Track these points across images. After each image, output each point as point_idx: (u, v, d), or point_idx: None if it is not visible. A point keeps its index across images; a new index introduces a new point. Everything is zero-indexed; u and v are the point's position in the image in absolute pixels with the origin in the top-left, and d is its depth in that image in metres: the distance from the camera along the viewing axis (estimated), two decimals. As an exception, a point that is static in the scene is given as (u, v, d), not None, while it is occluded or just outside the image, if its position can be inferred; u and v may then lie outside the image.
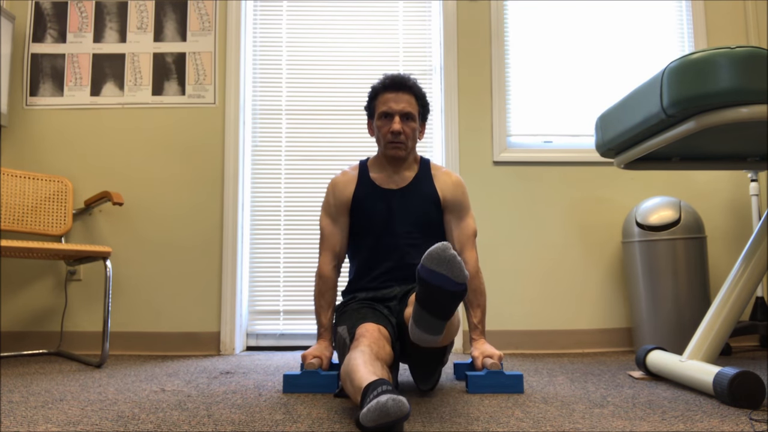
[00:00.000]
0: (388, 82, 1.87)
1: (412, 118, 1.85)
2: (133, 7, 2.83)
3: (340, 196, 1.91)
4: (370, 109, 1.92)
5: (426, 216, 1.88)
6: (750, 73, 1.37)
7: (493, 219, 2.74)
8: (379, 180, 1.91)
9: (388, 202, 1.87)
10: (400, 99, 1.84)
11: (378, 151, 1.94)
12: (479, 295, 1.87)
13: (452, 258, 1.13)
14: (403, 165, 1.91)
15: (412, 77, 1.89)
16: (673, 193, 2.77)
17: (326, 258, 1.91)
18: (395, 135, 1.83)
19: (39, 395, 1.69)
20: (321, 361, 1.76)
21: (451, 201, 1.91)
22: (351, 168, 1.97)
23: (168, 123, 2.77)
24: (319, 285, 1.89)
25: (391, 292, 1.82)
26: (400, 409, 1.12)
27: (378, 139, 1.90)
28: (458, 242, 1.90)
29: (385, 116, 1.85)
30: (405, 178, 1.91)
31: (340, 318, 1.81)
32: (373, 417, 1.12)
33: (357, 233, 1.91)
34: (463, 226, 1.91)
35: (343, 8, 2.92)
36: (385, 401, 1.12)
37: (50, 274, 2.69)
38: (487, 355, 1.76)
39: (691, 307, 2.37)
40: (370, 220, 1.87)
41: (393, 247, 1.85)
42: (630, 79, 2.87)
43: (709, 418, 1.37)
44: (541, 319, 2.70)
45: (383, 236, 1.86)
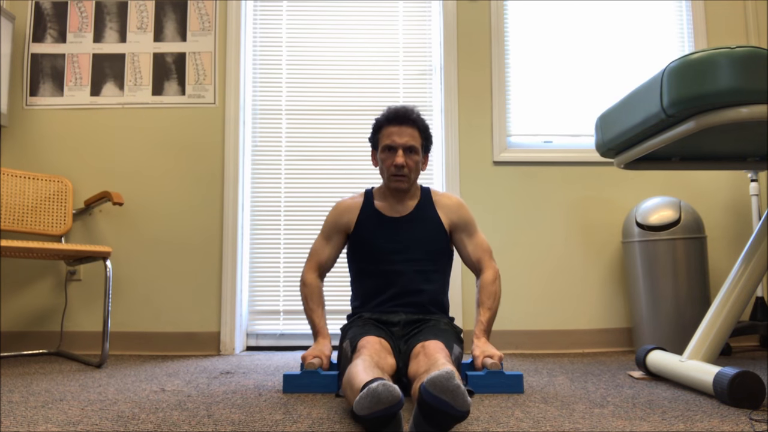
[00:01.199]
0: (391, 116, 1.90)
1: (415, 151, 1.89)
2: (133, 7, 2.82)
3: (341, 218, 1.97)
4: (374, 141, 1.97)
5: (430, 242, 1.92)
6: (750, 73, 1.37)
7: (493, 219, 2.74)
8: (382, 208, 1.95)
9: (391, 229, 1.91)
10: (404, 133, 1.87)
11: (382, 182, 1.98)
12: (493, 298, 1.89)
13: (456, 388, 1.11)
14: (406, 195, 1.96)
15: (415, 109, 1.92)
16: (673, 193, 2.77)
17: (310, 267, 1.97)
18: (398, 168, 1.87)
19: (39, 395, 1.69)
20: (321, 361, 1.77)
21: (458, 222, 1.96)
22: (357, 195, 2.03)
23: (168, 123, 2.77)
24: (305, 291, 1.94)
25: (395, 317, 1.84)
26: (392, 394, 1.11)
27: (381, 171, 1.94)
28: (474, 256, 1.95)
29: (388, 149, 1.89)
30: (408, 207, 1.95)
31: (344, 335, 1.82)
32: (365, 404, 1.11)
33: (360, 260, 1.95)
34: (476, 241, 1.97)
35: (343, 8, 2.92)
36: (376, 387, 1.11)
37: (50, 274, 2.69)
38: (487, 354, 1.77)
39: (691, 307, 2.36)
40: (374, 247, 1.91)
41: (397, 274, 1.88)
42: (630, 79, 2.87)
43: (709, 418, 1.37)
44: (541, 319, 2.70)
45: (387, 263, 1.89)
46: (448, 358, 1.54)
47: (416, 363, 1.55)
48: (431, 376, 1.14)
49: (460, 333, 1.86)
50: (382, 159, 1.92)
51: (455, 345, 1.71)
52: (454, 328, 1.85)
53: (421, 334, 1.72)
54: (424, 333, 1.72)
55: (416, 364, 1.55)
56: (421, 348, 1.60)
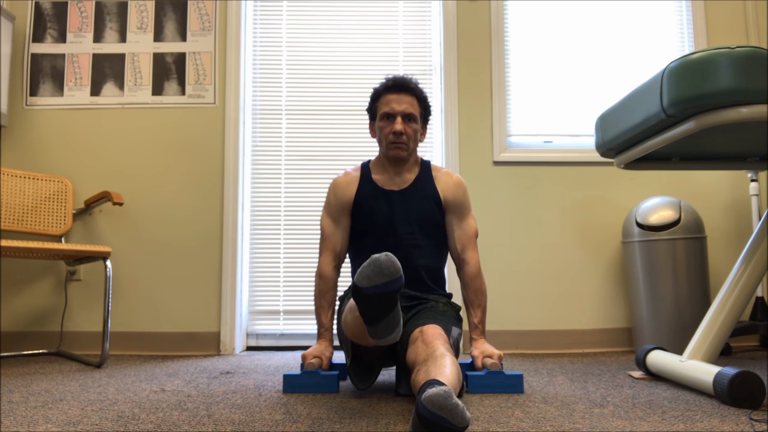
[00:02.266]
0: (390, 84, 1.88)
1: (413, 119, 1.86)
2: (133, 7, 2.82)
3: (342, 197, 1.92)
4: (372, 110, 1.93)
5: (427, 217, 1.89)
6: (750, 73, 1.37)
7: (493, 219, 2.74)
8: (380, 181, 1.91)
9: (389, 202, 1.88)
10: (402, 100, 1.85)
11: (379, 152, 1.95)
12: (480, 295, 1.87)
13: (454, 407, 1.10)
14: (405, 167, 1.92)
15: (414, 78, 1.90)
16: (673, 193, 2.77)
17: (327, 258, 1.91)
18: (397, 135, 1.84)
19: (39, 395, 1.69)
20: (321, 361, 1.77)
21: (452, 201, 1.91)
22: (353, 169, 1.98)
23: (168, 123, 2.77)
24: (320, 285, 1.90)
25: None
26: (393, 265, 1.09)
27: (380, 140, 1.91)
28: (459, 243, 1.91)
29: (387, 117, 1.86)
30: (406, 180, 1.91)
31: (341, 306, 1.82)
32: (367, 273, 1.08)
33: (358, 234, 1.92)
34: (464, 226, 1.92)
35: (343, 8, 2.92)
36: (378, 256, 1.08)
37: (50, 274, 2.69)
38: (487, 354, 1.76)
39: (691, 307, 2.36)
40: (372, 220, 1.88)
41: (395, 248, 1.85)
42: (630, 79, 2.87)
43: (709, 418, 1.37)
44: (541, 319, 2.70)
45: (385, 237, 1.86)
46: (447, 343, 1.53)
47: (414, 349, 1.53)
48: (428, 394, 1.10)
49: (458, 311, 1.85)
50: (381, 127, 1.88)
51: (453, 327, 1.70)
52: (453, 307, 1.84)
53: (419, 317, 1.70)
54: (422, 316, 1.70)
55: (414, 350, 1.53)
56: (420, 333, 1.57)
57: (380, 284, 1.08)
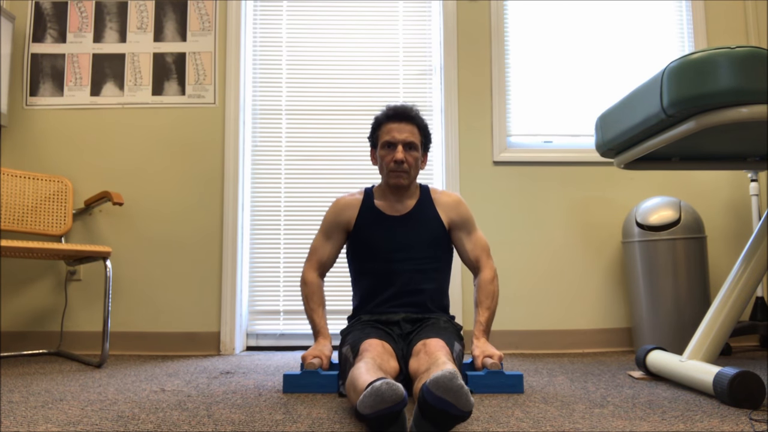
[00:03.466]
0: (391, 113, 1.91)
1: (414, 147, 1.89)
2: (133, 7, 2.82)
3: (341, 215, 1.96)
4: (373, 138, 1.97)
5: (429, 240, 1.92)
6: (750, 73, 1.37)
7: (493, 219, 2.74)
8: (382, 207, 1.95)
9: (391, 228, 1.91)
10: (403, 129, 1.88)
11: (381, 180, 1.98)
12: (491, 297, 1.89)
13: (459, 388, 1.11)
14: (406, 194, 1.96)
15: (414, 107, 1.93)
16: (673, 193, 2.77)
17: (310, 266, 1.97)
18: (398, 164, 1.87)
19: (39, 395, 1.69)
20: (321, 360, 1.77)
21: (457, 220, 1.95)
22: (357, 192, 2.02)
23: (168, 123, 2.77)
24: (305, 290, 1.95)
25: (394, 317, 1.83)
26: (395, 393, 1.11)
27: (381, 168, 1.94)
28: (472, 255, 1.95)
29: (388, 146, 1.89)
30: (407, 206, 1.95)
31: (344, 340, 1.81)
32: (368, 402, 1.11)
33: (360, 259, 1.95)
34: (474, 239, 1.96)
35: (343, 8, 2.92)
36: (379, 386, 1.11)
37: (50, 274, 2.69)
38: (487, 354, 1.77)
39: (691, 307, 2.36)
40: (374, 245, 1.91)
41: (397, 273, 1.88)
42: (630, 79, 2.87)
43: (709, 418, 1.37)
44: (541, 319, 2.70)
45: (387, 262, 1.89)
46: (449, 356, 1.54)
47: (417, 361, 1.55)
48: (434, 377, 1.13)
49: (460, 330, 1.86)
50: (382, 156, 1.91)
51: (456, 342, 1.71)
52: (454, 326, 1.85)
53: (422, 332, 1.72)
54: (425, 331, 1.72)
55: (417, 362, 1.54)
56: (422, 346, 1.59)
57: (382, 409, 1.11)
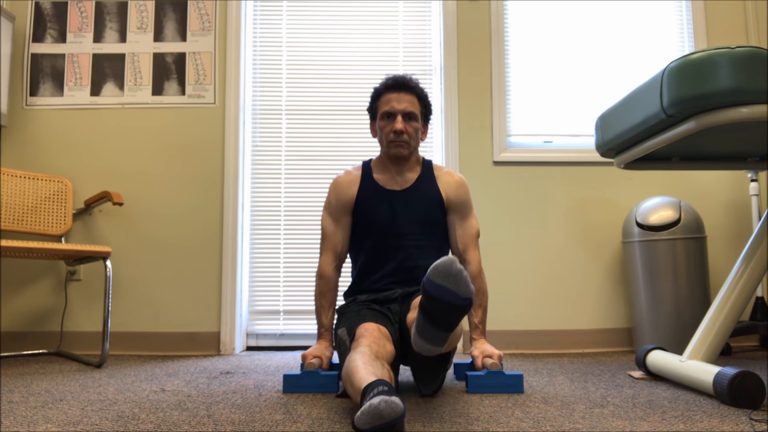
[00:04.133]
0: (390, 83, 1.87)
1: (414, 117, 1.86)
2: (133, 7, 2.82)
3: (343, 196, 1.91)
4: (372, 109, 1.93)
5: (429, 217, 1.88)
6: (750, 73, 1.37)
7: (493, 219, 2.74)
8: (382, 181, 1.91)
9: (391, 202, 1.88)
10: (403, 99, 1.85)
11: (381, 151, 1.94)
12: (481, 295, 1.87)
13: (459, 273, 1.12)
14: (406, 166, 1.92)
15: (414, 77, 1.90)
16: (673, 193, 2.77)
17: (327, 258, 1.91)
18: (398, 134, 1.83)
19: (39, 395, 1.69)
20: (321, 361, 1.76)
21: (455, 201, 1.91)
22: (354, 168, 1.97)
23: (168, 123, 2.77)
24: (320, 285, 1.89)
25: (392, 294, 1.81)
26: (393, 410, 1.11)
27: (380, 139, 1.90)
28: (461, 242, 1.91)
29: (387, 116, 1.86)
30: (408, 179, 1.91)
31: (340, 320, 1.81)
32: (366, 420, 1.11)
33: (359, 234, 1.92)
34: (466, 226, 1.92)
35: (343, 8, 2.92)
36: (378, 403, 1.11)
37: (50, 274, 2.69)
38: (487, 354, 1.76)
39: (691, 307, 2.36)
40: (373, 220, 1.87)
41: (396, 248, 1.85)
42: (630, 79, 2.87)
43: (709, 418, 1.37)
44: (541, 319, 2.70)
45: (386, 237, 1.86)
46: None
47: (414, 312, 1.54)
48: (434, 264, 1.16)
49: None
50: (381, 126, 1.88)
51: None
52: None
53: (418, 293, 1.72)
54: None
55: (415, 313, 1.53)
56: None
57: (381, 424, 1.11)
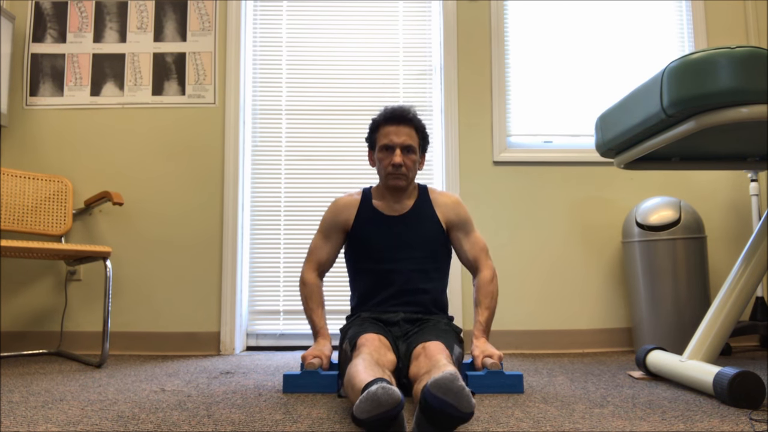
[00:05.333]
0: (389, 115, 1.90)
1: (412, 150, 1.89)
2: (133, 7, 2.82)
3: (339, 215, 1.96)
4: (371, 141, 1.97)
5: (428, 240, 1.92)
6: (750, 73, 1.37)
7: (493, 219, 2.74)
8: (380, 207, 1.95)
9: (389, 228, 1.91)
10: (401, 132, 1.88)
11: (379, 181, 1.98)
12: (491, 298, 1.89)
13: (460, 390, 1.10)
14: (404, 194, 1.96)
15: (412, 109, 1.93)
16: (673, 193, 2.77)
17: (309, 267, 1.97)
18: (396, 167, 1.87)
19: (39, 395, 1.69)
20: (321, 361, 1.77)
21: (455, 220, 1.95)
22: (356, 192, 2.02)
23: (168, 123, 2.77)
24: (304, 291, 1.94)
25: (394, 317, 1.83)
26: (391, 397, 1.11)
27: (379, 170, 1.94)
28: (471, 255, 1.95)
29: (386, 149, 1.89)
30: (405, 206, 1.95)
31: (343, 336, 1.82)
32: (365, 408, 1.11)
33: (358, 259, 1.95)
34: (473, 240, 1.96)
35: (343, 8, 2.92)
36: (375, 390, 1.11)
37: (50, 274, 2.69)
38: (487, 354, 1.76)
39: (691, 307, 2.36)
40: (372, 245, 1.91)
41: (395, 273, 1.88)
42: (630, 79, 2.87)
43: (709, 418, 1.37)
44: (541, 319, 2.70)
45: (385, 262, 1.89)
46: (449, 358, 1.54)
47: (417, 364, 1.55)
48: (435, 378, 1.13)
49: (459, 333, 1.86)
50: (380, 158, 1.91)
51: (456, 345, 1.70)
52: (453, 328, 1.85)
53: (421, 334, 1.72)
54: (424, 333, 1.71)
55: (417, 365, 1.54)
56: (422, 349, 1.59)
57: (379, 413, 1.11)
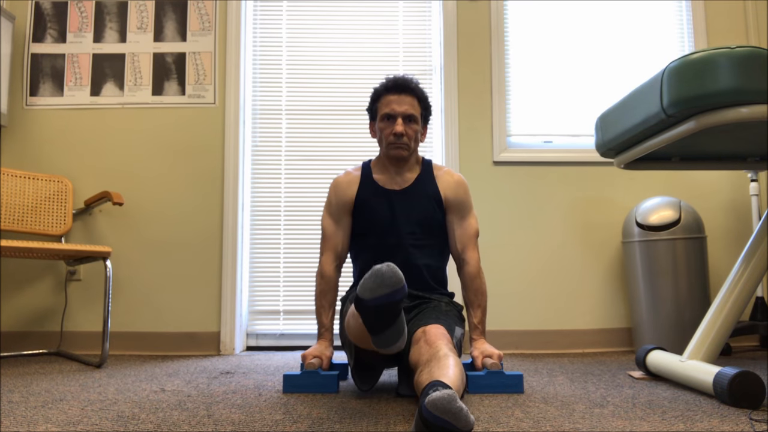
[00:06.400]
0: (390, 84, 1.87)
1: (414, 120, 1.86)
2: (133, 7, 2.82)
3: (343, 196, 1.92)
4: (372, 111, 1.93)
5: (428, 216, 1.89)
6: (750, 73, 1.37)
7: (493, 219, 2.74)
8: (381, 181, 1.91)
9: (390, 202, 1.88)
10: (403, 101, 1.85)
11: (380, 152, 1.94)
12: (480, 295, 1.87)
13: (458, 411, 1.08)
14: (405, 166, 1.92)
15: (414, 79, 1.90)
16: (673, 193, 2.77)
17: (328, 258, 1.91)
18: (398, 137, 1.84)
19: (39, 395, 1.69)
20: (321, 361, 1.77)
21: (453, 200, 1.91)
22: (354, 169, 1.98)
23: (168, 123, 2.77)
24: (321, 285, 1.90)
25: None
26: (395, 275, 1.08)
27: (380, 140, 1.91)
28: (460, 242, 1.91)
29: (387, 118, 1.86)
30: (407, 179, 1.91)
31: (344, 305, 1.82)
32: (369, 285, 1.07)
33: (360, 234, 1.92)
34: (465, 225, 1.92)
35: (343, 8, 2.92)
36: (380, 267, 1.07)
37: (50, 274, 2.69)
38: (486, 354, 1.76)
39: (691, 307, 2.36)
40: (373, 220, 1.88)
41: (396, 248, 1.85)
42: (630, 79, 2.87)
43: (709, 418, 1.37)
44: (541, 319, 2.70)
45: (386, 236, 1.86)
46: (450, 343, 1.53)
47: (417, 350, 1.53)
48: (432, 398, 1.08)
49: (461, 311, 1.85)
50: (381, 128, 1.88)
51: (456, 327, 1.69)
52: (455, 307, 1.84)
53: (421, 317, 1.70)
54: (425, 316, 1.69)
55: (417, 351, 1.53)
56: (422, 333, 1.57)
57: (383, 295, 1.07)
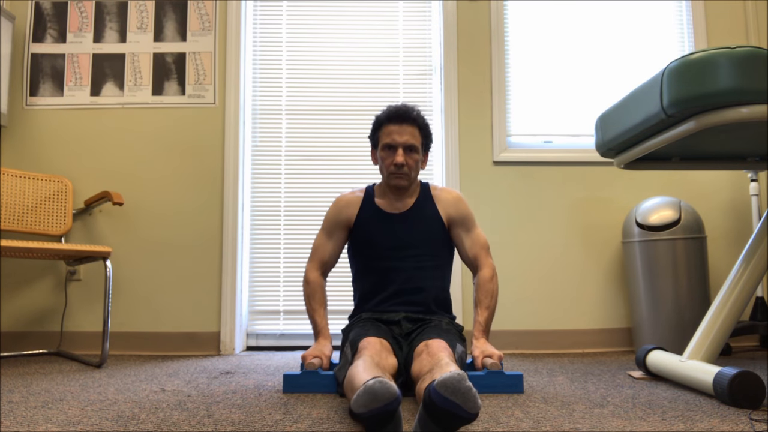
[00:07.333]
0: (392, 114, 1.90)
1: (415, 149, 1.89)
2: (133, 7, 2.82)
3: (342, 213, 1.96)
4: (374, 139, 1.96)
5: (430, 238, 1.92)
6: (750, 73, 1.37)
7: (493, 219, 2.74)
8: (382, 205, 1.95)
9: (391, 225, 1.91)
10: (404, 131, 1.87)
11: (381, 180, 1.98)
12: (490, 297, 1.88)
13: (467, 390, 1.09)
14: (406, 193, 1.96)
15: (415, 108, 1.92)
16: (673, 193, 2.77)
17: (313, 265, 1.98)
18: (398, 167, 1.87)
19: (39, 395, 1.69)
20: (321, 360, 1.77)
21: (456, 217, 1.95)
22: (358, 190, 2.02)
23: (168, 123, 2.77)
24: (307, 289, 1.95)
25: (395, 316, 1.83)
26: (388, 391, 1.10)
27: (381, 169, 1.94)
28: (471, 252, 1.94)
29: (388, 148, 1.89)
30: (407, 204, 1.95)
31: (345, 338, 1.82)
32: (362, 401, 1.10)
33: (360, 257, 1.95)
34: (474, 237, 1.96)
35: (343, 8, 2.92)
36: (372, 384, 1.10)
37: (50, 274, 2.69)
38: (487, 354, 1.76)
39: (691, 307, 2.36)
40: (374, 243, 1.91)
41: (397, 271, 1.88)
42: (630, 79, 2.87)
43: (709, 418, 1.37)
44: (541, 319, 2.70)
45: (387, 259, 1.89)
46: (452, 357, 1.54)
47: (419, 362, 1.54)
48: (442, 378, 1.11)
49: (461, 332, 1.85)
50: (382, 157, 1.92)
51: (458, 344, 1.70)
52: (456, 327, 1.85)
53: (423, 332, 1.72)
54: (426, 332, 1.71)
55: (419, 363, 1.54)
56: (425, 347, 1.59)
57: (376, 407, 1.10)
